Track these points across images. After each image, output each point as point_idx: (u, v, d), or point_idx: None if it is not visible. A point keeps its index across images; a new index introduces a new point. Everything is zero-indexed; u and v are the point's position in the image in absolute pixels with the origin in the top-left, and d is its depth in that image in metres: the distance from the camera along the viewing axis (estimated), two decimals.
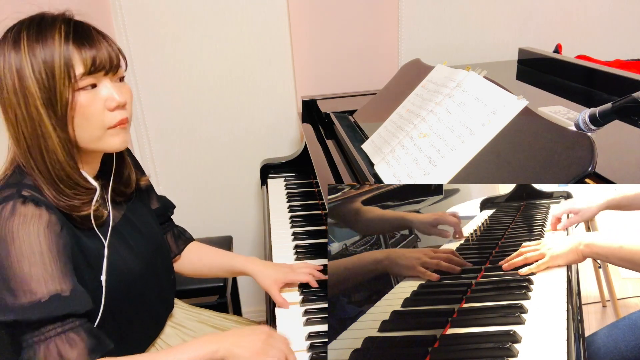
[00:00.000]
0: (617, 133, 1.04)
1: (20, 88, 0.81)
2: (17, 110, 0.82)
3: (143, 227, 1.03)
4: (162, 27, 1.76)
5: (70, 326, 0.80)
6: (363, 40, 1.83)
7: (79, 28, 0.85)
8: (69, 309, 0.79)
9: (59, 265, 0.80)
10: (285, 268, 1.17)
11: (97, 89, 0.86)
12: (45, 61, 0.81)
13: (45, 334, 0.78)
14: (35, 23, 0.84)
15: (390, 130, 1.21)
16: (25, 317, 0.76)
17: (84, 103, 0.84)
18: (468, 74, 1.06)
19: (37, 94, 0.81)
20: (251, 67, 1.84)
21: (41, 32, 0.82)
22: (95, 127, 0.86)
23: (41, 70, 0.81)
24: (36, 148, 0.83)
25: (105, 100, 0.86)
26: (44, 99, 0.81)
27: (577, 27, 1.92)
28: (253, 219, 2.09)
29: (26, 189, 0.82)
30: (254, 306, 2.17)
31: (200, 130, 1.91)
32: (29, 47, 0.81)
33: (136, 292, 0.97)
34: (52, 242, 0.80)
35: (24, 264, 0.77)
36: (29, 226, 0.79)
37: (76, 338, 0.80)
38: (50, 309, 0.77)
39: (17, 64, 0.81)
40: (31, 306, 0.77)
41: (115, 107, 0.87)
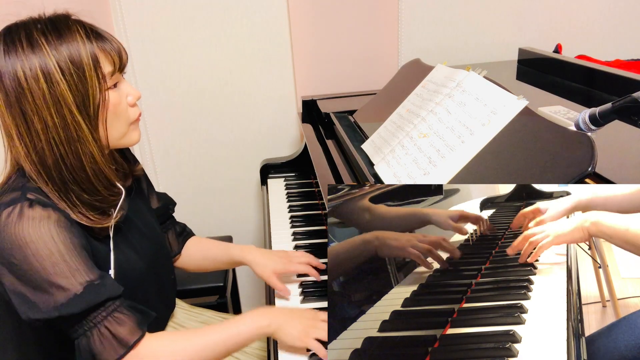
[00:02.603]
0: (617, 133, 1.04)
1: (50, 93, 0.78)
2: (48, 117, 0.79)
3: (144, 227, 1.03)
4: (162, 27, 1.76)
5: (113, 307, 0.83)
6: (363, 40, 1.83)
7: (92, 28, 0.84)
8: (106, 294, 0.82)
9: (79, 259, 0.81)
10: (283, 258, 1.16)
11: (119, 86, 0.87)
12: (74, 62, 0.79)
13: (92, 322, 0.81)
14: (49, 24, 0.81)
15: (390, 130, 1.21)
16: (67, 311, 0.79)
17: (114, 102, 0.85)
18: (468, 74, 1.06)
19: (70, 97, 0.79)
20: (251, 67, 1.84)
21: (61, 34, 0.80)
22: (123, 124, 0.88)
23: (71, 72, 0.79)
24: (71, 154, 0.82)
25: (127, 96, 0.88)
26: (78, 102, 0.80)
27: (577, 27, 1.92)
28: (253, 219, 2.09)
29: (31, 192, 0.82)
30: (254, 306, 2.17)
31: (200, 130, 1.91)
32: (52, 49, 0.78)
33: (139, 292, 0.97)
34: (66, 238, 0.80)
35: (47, 264, 0.78)
36: (40, 228, 0.79)
37: (122, 316, 0.84)
38: (89, 299, 0.80)
39: (43, 68, 0.78)
40: (69, 301, 0.79)
41: (134, 103, 0.90)
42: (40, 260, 0.78)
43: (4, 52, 0.79)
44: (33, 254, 0.77)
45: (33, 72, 0.78)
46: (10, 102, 0.79)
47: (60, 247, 0.79)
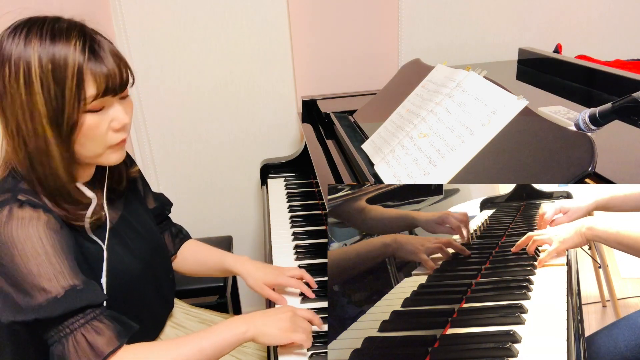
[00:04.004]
0: (617, 133, 1.04)
1: (27, 102, 0.78)
2: (22, 124, 0.80)
3: (140, 227, 1.03)
4: (162, 27, 1.76)
5: (92, 315, 0.81)
6: (363, 40, 1.83)
7: (93, 44, 0.81)
8: (86, 301, 0.80)
9: (65, 262, 0.80)
10: (275, 270, 1.15)
11: (106, 110, 0.85)
12: (56, 79, 0.78)
13: (69, 327, 0.79)
14: (49, 30, 0.79)
15: (390, 130, 1.21)
16: (45, 314, 0.77)
17: (90, 125, 0.83)
18: (468, 74, 1.06)
19: (44, 112, 0.79)
20: (251, 67, 1.84)
21: (55, 45, 0.78)
22: (98, 146, 0.86)
23: (51, 88, 0.78)
24: (37, 163, 0.82)
25: (111, 120, 0.85)
26: (51, 118, 0.79)
27: (577, 27, 1.92)
28: (253, 219, 2.09)
29: (22, 193, 0.82)
30: (254, 306, 2.17)
31: (200, 130, 1.91)
32: (40, 60, 0.77)
33: (135, 292, 0.97)
34: (54, 240, 0.80)
35: (32, 266, 0.77)
36: (28, 228, 0.78)
37: (100, 325, 0.81)
38: (68, 303, 0.78)
39: (26, 77, 0.77)
40: (49, 304, 0.77)
41: (120, 128, 0.87)
42: (26, 260, 0.77)
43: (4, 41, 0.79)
44: (19, 254, 0.77)
45: (17, 72, 0.78)
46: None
47: (47, 249, 0.78)
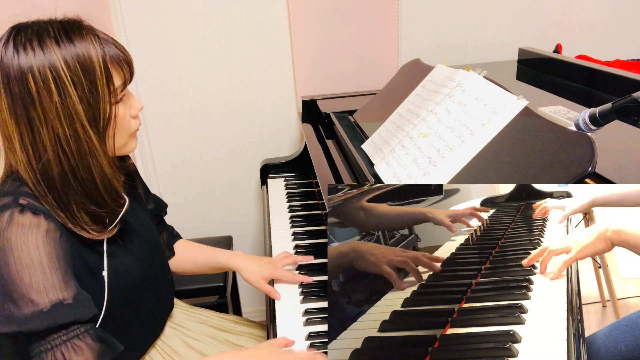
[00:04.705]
0: (617, 133, 1.04)
1: (63, 107, 0.77)
2: (59, 129, 0.78)
3: (140, 228, 1.03)
4: (162, 27, 1.76)
5: (75, 333, 0.79)
6: (363, 40, 1.83)
7: (105, 36, 0.83)
8: (72, 317, 0.78)
9: (59, 274, 0.78)
10: (269, 264, 1.20)
11: (125, 99, 0.88)
12: (87, 76, 0.78)
13: (50, 343, 0.77)
14: (61, 31, 0.79)
15: (390, 130, 1.21)
16: (28, 327, 0.75)
17: (120, 115, 0.85)
18: (468, 74, 1.06)
19: (82, 111, 0.79)
20: (251, 67, 1.84)
21: (74, 44, 0.78)
22: (124, 136, 0.89)
23: (84, 86, 0.78)
24: (82, 169, 0.81)
25: (130, 108, 0.89)
26: (89, 117, 0.80)
27: (577, 27, 1.92)
28: (253, 219, 2.09)
29: (23, 197, 0.80)
30: (254, 306, 2.17)
31: (200, 130, 1.91)
32: (65, 56, 0.77)
33: (135, 294, 0.97)
34: (51, 250, 0.78)
35: (24, 275, 0.76)
36: (27, 236, 0.77)
37: (82, 344, 0.79)
38: (53, 318, 0.76)
39: (56, 82, 0.76)
40: (33, 316, 0.76)
41: (137, 113, 0.90)
42: (20, 268, 0.76)
43: (14, 54, 0.76)
44: (14, 262, 0.76)
45: (45, 81, 0.76)
46: (16, 109, 0.77)
47: (42, 258, 0.77)
